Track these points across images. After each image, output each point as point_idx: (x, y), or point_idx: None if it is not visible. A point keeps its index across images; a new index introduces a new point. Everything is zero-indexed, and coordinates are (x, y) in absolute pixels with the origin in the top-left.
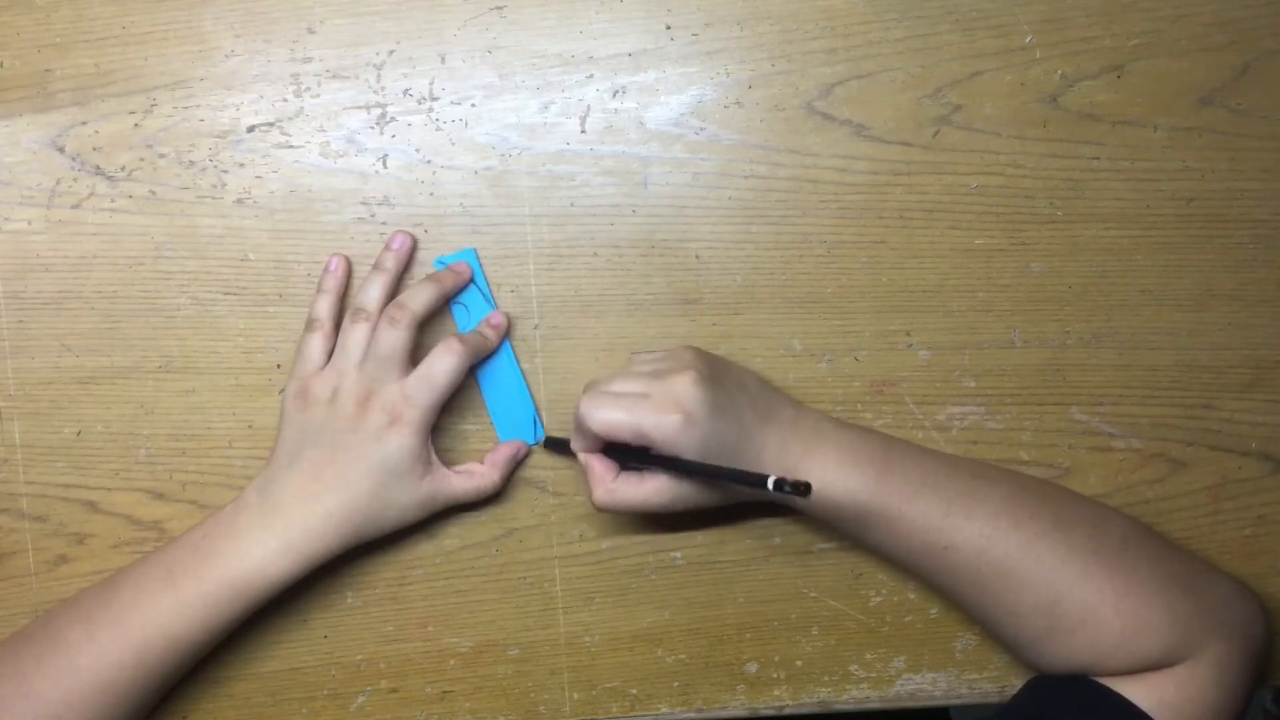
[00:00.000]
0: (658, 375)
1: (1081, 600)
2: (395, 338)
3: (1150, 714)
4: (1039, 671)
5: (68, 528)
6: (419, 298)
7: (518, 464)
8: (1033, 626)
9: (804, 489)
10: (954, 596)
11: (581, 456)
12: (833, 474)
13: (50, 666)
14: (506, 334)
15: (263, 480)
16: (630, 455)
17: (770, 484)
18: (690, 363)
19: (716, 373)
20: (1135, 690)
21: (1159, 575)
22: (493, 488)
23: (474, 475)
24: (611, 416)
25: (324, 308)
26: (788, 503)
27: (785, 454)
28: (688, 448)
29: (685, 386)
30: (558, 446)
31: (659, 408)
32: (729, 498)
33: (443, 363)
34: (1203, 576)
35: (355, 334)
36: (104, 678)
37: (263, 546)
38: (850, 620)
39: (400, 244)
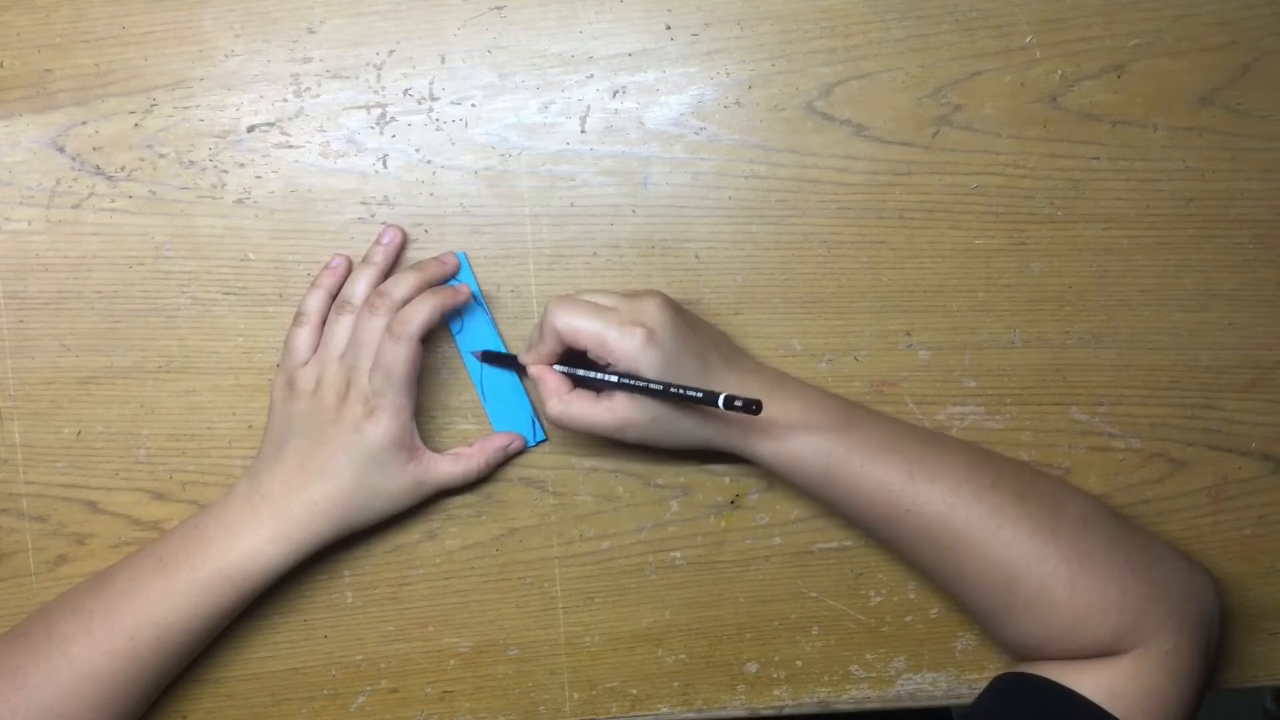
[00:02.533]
0: (629, 295)
1: (1039, 579)
2: (375, 326)
3: (1103, 705)
4: (999, 644)
5: (68, 528)
6: (400, 287)
7: (508, 456)
8: (991, 601)
9: (755, 406)
10: (917, 563)
11: (534, 369)
12: (797, 419)
13: (44, 658)
14: (489, 311)
15: (252, 471)
16: (582, 368)
17: (721, 401)
18: (660, 292)
19: (684, 310)
20: (1087, 680)
21: (1115, 558)
22: (479, 473)
23: (461, 458)
24: (577, 321)
25: (314, 303)
26: (741, 450)
27: (746, 394)
28: (648, 367)
29: (653, 307)
30: (502, 360)
31: (625, 320)
32: (682, 434)
33: (392, 351)
34: (1160, 562)
35: (340, 326)
36: (97, 667)
37: (254, 535)
38: (850, 620)
39: (390, 238)
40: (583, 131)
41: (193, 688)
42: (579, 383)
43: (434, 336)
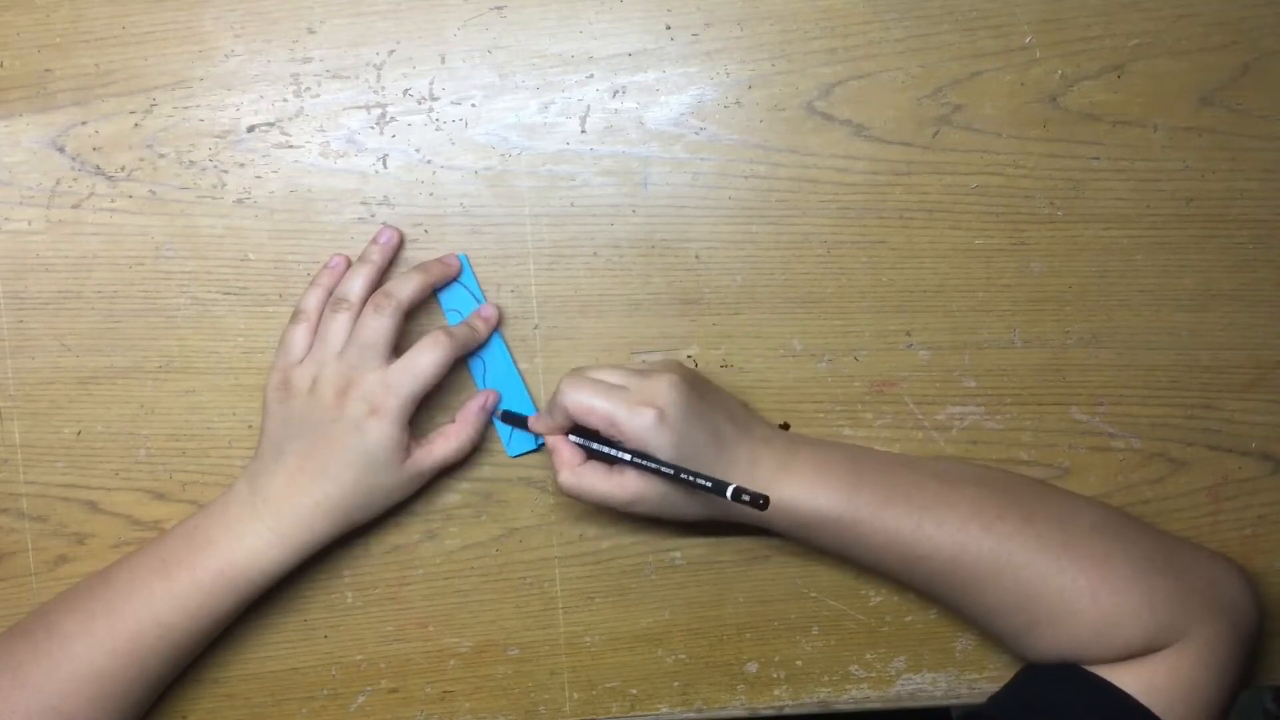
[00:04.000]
0: (642, 373)
1: (1057, 594)
2: (380, 325)
3: (1140, 699)
4: (1029, 661)
5: (68, 528)
6: (405, 286)
7: (489, 414)
8: (1013, 622)
9: (762, 502)
10: (935, 598)
11: (550, 439)
12: (805, 491)
13: (45, 656)
14: (498, 327)
15: (251, 472)
16: (596, 442)
17: (729, 492)
18: (675, 368)
19: (699, 383)
20: (1125, 676)
21: (1133, 561)
22: (471, 443)
23: (449, 437)
24: (589, 400)
25: (313, 301)
26: (753, 520)
27: (756, 468)
28: (658, 448)
29: (664, 387)
30: (515, 421)
31: (635, 401)
32: (691, 510)
33: (429, 355)
34: (1181, 557)
35: (336, 324)
36: (98, 666)
37: (255, 538)
38: (850, 620)
39: (387, 238)
40: (583, 131)
41: (193, 688)
42: (593, 454)
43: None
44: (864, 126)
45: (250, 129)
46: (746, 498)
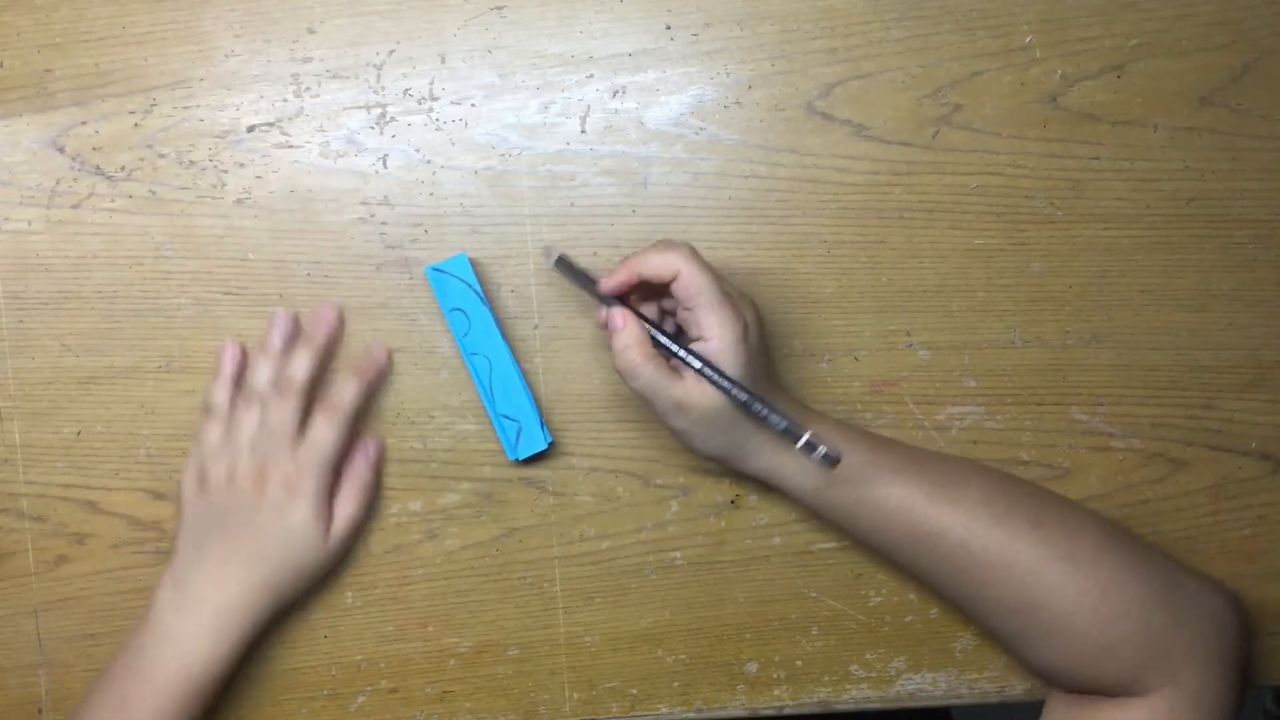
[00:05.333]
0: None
1: (1058, 607)
2: (283, 413)
3: None
4: (1029, 669)
5: (68, 528)
6: (301, 368)
7: (378, 461)
8: (1010, 625)
9: (835, 459)
10: (936, 585)
11: (618, 313)
12: (830, 443)
13: None
14: (504, 338)
15: (174, 575)
16: (665, 338)
17: (803, 440)
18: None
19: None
20: None
21: (1136, 586)
22: (369, 494)
23: (348, 498)
24: (701, 273)
25: (222, 396)
26: (765, 477)
27: (786, 412)
28: (731, 362)
29: (753, 307)
30: (579, 279)
31: (735, 303)
32: (720, 445)
33: (324, 433)
34: (1180, 589)
35: (247, 415)
36: None
37: (198, 641)
38: (850, 620)
39: (285, 329)
40: (583, 131)
41: None
42: (658, 347)
43: (435, 337)
44: (864, 126)
45: (250, 129)
46: (823, 449)
